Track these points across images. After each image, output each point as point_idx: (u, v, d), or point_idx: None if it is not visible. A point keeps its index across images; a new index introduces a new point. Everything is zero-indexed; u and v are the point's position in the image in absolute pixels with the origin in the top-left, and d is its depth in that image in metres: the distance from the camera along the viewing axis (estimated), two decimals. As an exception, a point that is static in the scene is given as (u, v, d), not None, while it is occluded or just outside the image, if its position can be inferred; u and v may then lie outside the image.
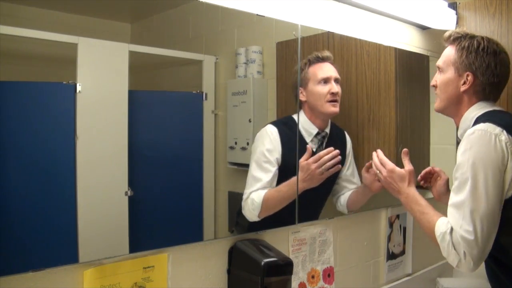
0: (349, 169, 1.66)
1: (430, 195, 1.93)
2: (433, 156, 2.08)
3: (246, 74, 1.45)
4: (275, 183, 1.42)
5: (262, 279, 1.21)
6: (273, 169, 1.41)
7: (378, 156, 1.45)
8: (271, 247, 1.33)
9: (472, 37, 1.31)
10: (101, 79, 1.15)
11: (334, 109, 1.52)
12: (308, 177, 1.36)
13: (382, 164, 1.43)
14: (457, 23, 2.02)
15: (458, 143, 1.27)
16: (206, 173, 1.37)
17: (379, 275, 1.85)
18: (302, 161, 1.37)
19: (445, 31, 1.38)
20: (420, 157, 2.01)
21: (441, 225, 1.21)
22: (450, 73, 1.32)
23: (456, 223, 1.16)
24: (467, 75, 1.29)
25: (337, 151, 1.38)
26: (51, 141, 1.08)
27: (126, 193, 1.17)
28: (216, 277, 1.31)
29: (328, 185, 1.62)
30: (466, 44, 1.30)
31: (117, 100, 1.17)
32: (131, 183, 1.18)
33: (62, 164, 1.09)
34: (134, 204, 1.18)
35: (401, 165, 1.43)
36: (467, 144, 1.18)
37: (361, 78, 1.78)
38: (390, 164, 1.41)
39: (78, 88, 1.08)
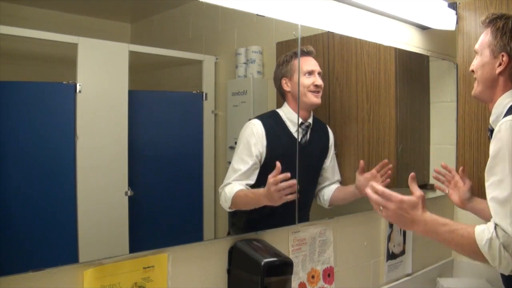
0: (332, 161, 1.70)
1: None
2: (433, 156, 2.08)
3: (246, 74, 1.45)
4: (254, 175, 1.42)
5: (262, 279, 1.21)
6: (251, 161, 1.42)
7: (378, 191, 1.21)
8: (271, 247, 1.34)
9: (507, 17, 1.29)
10: (101, 79, 1.15)
11: (317, 99, 1.57)
12: (269, 196, 1.33)
13: (386, 198, 1.19)
14: (457, 23, 2.02)
15: (490, 130, 1.25)
16: (206, 173, 1.37)
17: (379, 275, 1.85)
18: (270, 177, 1.33)
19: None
20: (420, 157, 2.01)
21: (483, 233, 1.11)
22: (485, 56, 1.31)
23: (503, 222, 1.09)
24: (502, 56, 1.27)
25: (287, 174, 1.31)
26: (51, 141, 1.08)
27: (126, 193, 1.17)
28: (216, 277, 1.31)
29: (312, 176, 1.65)
30: (501, 25, 1.28)
31: (117, 100, 1.17)
32: (131, 183, 1.18)
33: (62, 164, 1.09)
34: (134, 204, 1.18)
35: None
36: (501, 139, 1.14)
37: (361, 78, 1.78)
38: (397, 195, 1.20)
39: (78, 88, 1.08)
